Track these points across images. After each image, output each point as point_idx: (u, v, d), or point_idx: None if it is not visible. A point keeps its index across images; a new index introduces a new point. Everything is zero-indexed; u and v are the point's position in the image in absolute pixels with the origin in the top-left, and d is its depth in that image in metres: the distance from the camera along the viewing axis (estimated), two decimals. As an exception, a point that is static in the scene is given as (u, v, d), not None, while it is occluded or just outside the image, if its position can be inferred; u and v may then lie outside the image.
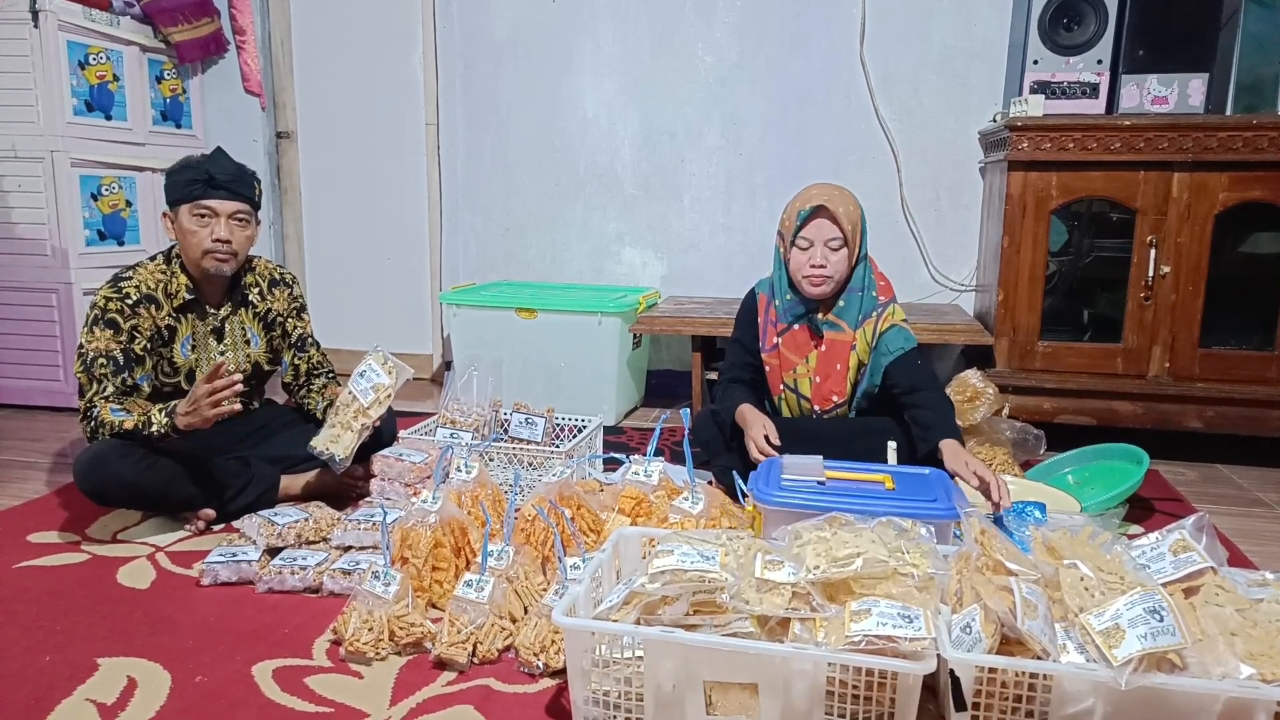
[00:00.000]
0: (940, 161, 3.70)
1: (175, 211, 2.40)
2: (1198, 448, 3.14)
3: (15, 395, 3.72)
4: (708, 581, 1.48)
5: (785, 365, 2.51)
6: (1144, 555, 1.52)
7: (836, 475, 2.05)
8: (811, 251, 2.37)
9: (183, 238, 2.40)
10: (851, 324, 2.44)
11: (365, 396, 2.44)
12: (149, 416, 2.28)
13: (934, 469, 2.14)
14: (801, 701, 1.43)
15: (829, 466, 2.09)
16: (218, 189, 2.37)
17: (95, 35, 3.59)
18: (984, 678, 1.38)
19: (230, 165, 2.42)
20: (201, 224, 2.38)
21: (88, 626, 1.88)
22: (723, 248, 3.98)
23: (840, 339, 2.44)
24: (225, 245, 2.39)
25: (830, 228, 2.35)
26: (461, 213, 4.22)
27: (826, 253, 2.36)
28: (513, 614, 1.83)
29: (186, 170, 2.38)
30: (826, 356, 2.46)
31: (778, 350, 2.51)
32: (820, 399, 2.48)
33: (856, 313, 2.44)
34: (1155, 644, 1.30)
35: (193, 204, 2.37)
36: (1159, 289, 3.00)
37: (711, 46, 3.85)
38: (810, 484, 1.98)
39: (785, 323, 2.49)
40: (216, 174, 2.37)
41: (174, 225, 2.42)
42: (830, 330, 2.45)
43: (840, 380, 2.45)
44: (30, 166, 3.50)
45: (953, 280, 3.75)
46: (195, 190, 2.36)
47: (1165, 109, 2.99)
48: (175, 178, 2.40)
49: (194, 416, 2.21)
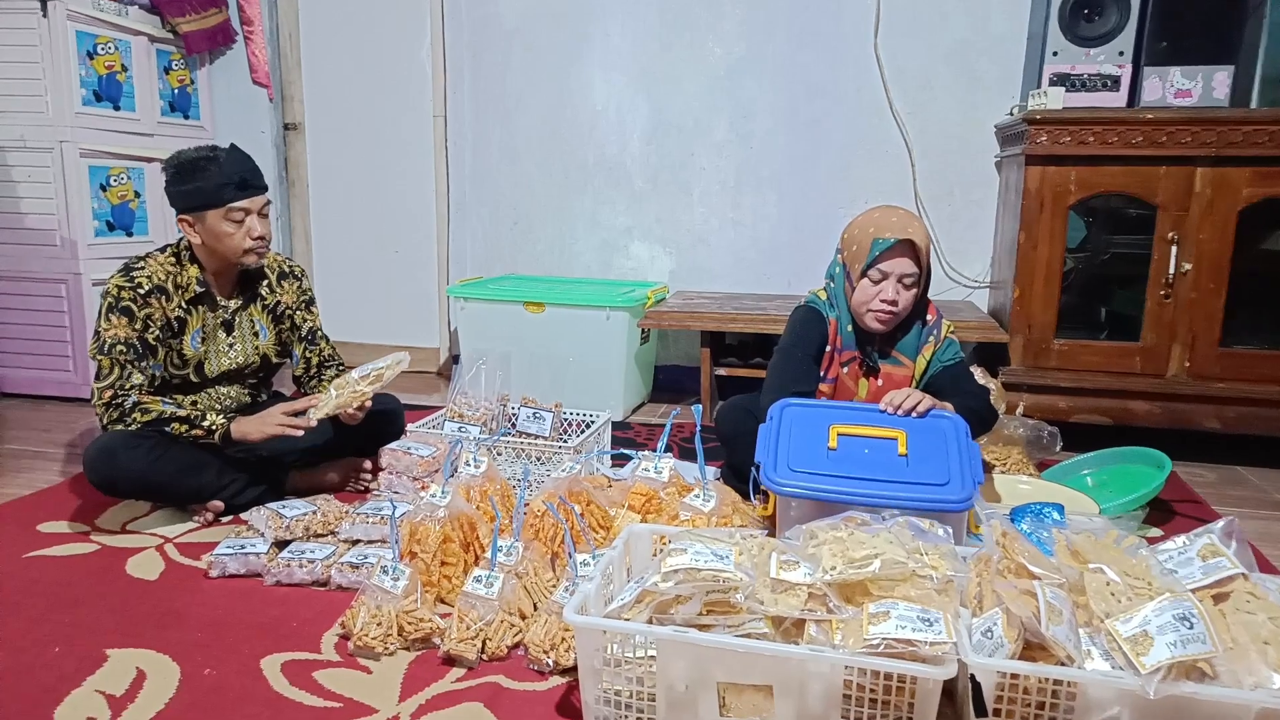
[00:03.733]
0: (954, 156, 3.65)
1: (199, 216, 2.33)
2: (1216, 449, 3.10)
3: (25, 385, 3.71)
4: (722, 581, 1.45)
5: (842, 395, 2.32)
6: (1171, 560, 1.48)
7: (847, 430, 1.96)
8: (884, 286, 2.15)
9: (215, 241, 2.35)
10: (912, 356, 2.28)
11: (360, 370, 2.44)
12: (203, 413, 2.32)
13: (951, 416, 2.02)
14: (817, 704, 1.40)
15: (838, 420, 1.99)
16: (247, 189, 2.34)
17: (104, 25, 3.57)
18: (1006, 684, 1.35)
19: (249, 160, 2.39)
20: (237, 225, 2.34)
21: (97, 617, 1.86)
22: (732, 242, 3.95)
23: (899, 372, 2.28)
24: (262, 240, 2.39)
25: (909, 264, 2.14)
26: (469, 205, 4.19)
27: (899, 289, 2.15)
28: (522, 610, 1.81)
29: (205, 174, 2.30)
30: (883, 391, 2.23)
31: (838, 381, 2.32)
32: None
33: (917, 342, 2.28)
34: (1185, 652, 1.26)
35: (225, 209, 2.32)
36: (1179, 286, 2.95)
37: (721, 38, 3.81)
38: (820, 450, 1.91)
39: (850, 352, 2.30)
40: (245, 175, 2.34)
41: (198, 229, 2.35)
42: (888, 364, 2.29)
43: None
44: (39, 157, 3.49)
45: (966, 277, 3.71)
46: (227, 195, 2.31)
47: (1188, 102, 2.94)
48: (195, 183, 2.31)
49: (252, 429, 2.30)
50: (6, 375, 3.70)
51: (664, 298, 3.73)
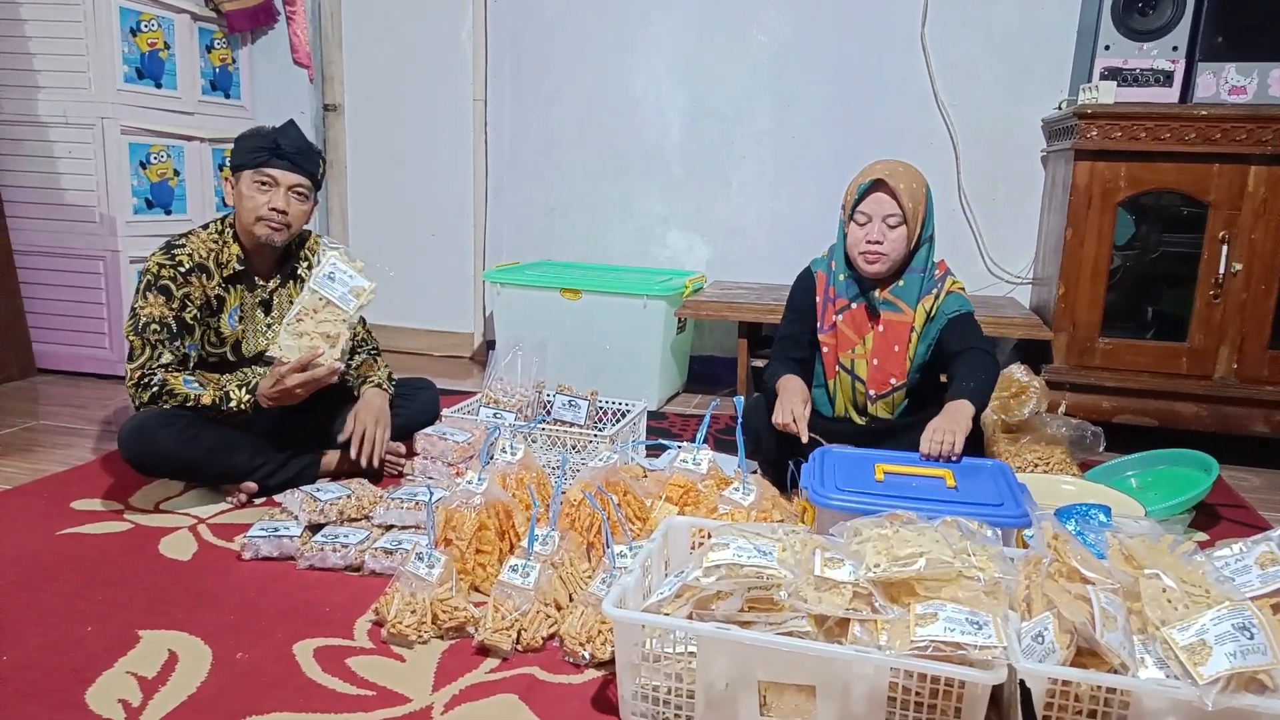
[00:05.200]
0: (1000, 149, 3.58)
1: (237, 176, 2.39)
2: (1263, 452, 3.03)
3: (62, 361, 3.73)
4: (765, 578, 1.43)
5: (843, 345, 2.40)
6: (1228, 567, 1.44)
7: (893, 470, 1.98)
8: (869, 227, 2.28)
9: (239, 202, 2.38)
10: (911, 304, 2.35)
11: (347, 304, 2.31)
12: (226, 392, 2.31)
13: (995, 461, 2.07)
14: (861, 707, 1.37)
15: (884, 460, 2.01)
16: (281, 159, 2.36)
17: (147, 2, 3.57)
18: (1056, 690, 1.31)
19: (298, 138, 2.41)
20: (261, 191, 2.36)
21: (129, 597, 1.86)
22: (770, 233, 3.90)
23: (899, 320, 2.35)
24: (280, 215, 2.37)
25: (889, 203, 2.26)
26: (506, 190, 4.17)
27: (884, 229, 2.27)
28: (558, 601, 1.79)
29: (255, 138, 2.38)
30: (884, 338, 2.36)
31: (836, 330, 2.41)
32: (877, 383, 2.38)
33: (917, 292, 2.35)
34: (1245, 663, 1.23)
35: (256, 171, 2.35)
36: (1229, 287, 2.88)
37: (764, 25, 3.76)
38: (868, 482, 1.91)
39: (845, 299, 2.40)
40: (283, 144, 2.36)
41: (234, 189, 2.40)
42: (888, 310, 2.36)
43: (899, 362, 2.36)
44: (80, 133, 3.50)
45: (1010, 272, 3.64)
46: (260, 158, 2.35)
47: (1243, 99, 2.86)
48: (243, 143, 2.39)
49: (284, 398, 2.28)
50: (43, 351, 3.73)
51: (701, 287, 3.70)
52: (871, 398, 2.40)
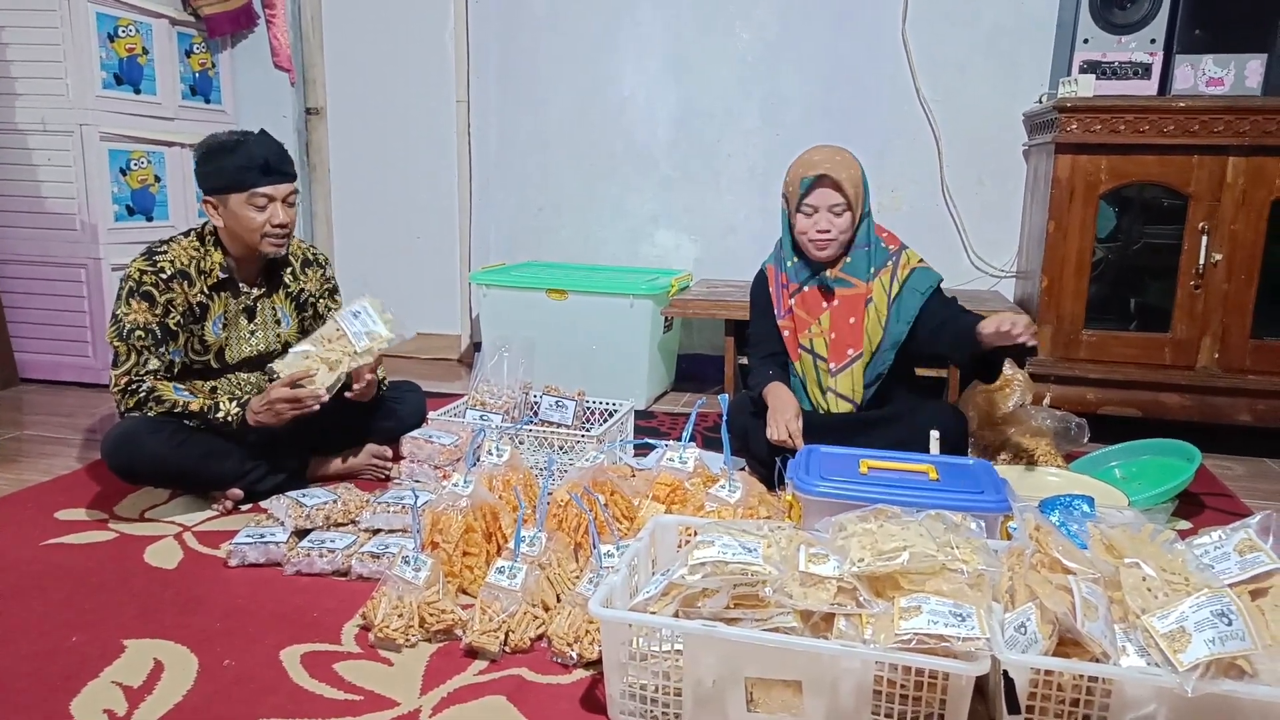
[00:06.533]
0: (983, 144, 3.60)
1: (223, 199, 2.32)
2: (1246, 441, 3.05)
3: (44, 370, 3.71)
4: (750, 575, 1.43)
5: (800, 327, 2.49)
6: (1207, 555, 1.44)
7: (877, 465, 1.99)
8: (816, 218, 2.38)
9: (235, 224, 2.33)
10: (863, 277, 2.44)
11: (359, 341, 2.33)
12: (217, 403, 2.29)
13: (978, 460, 2.09)
14: (848, 701, 1.37)
15: (868, 456, 2.03)
16: (272, 174, 2.31)
17: (125, 7, 3.56)
18: (1039, 680, 1.32)
19: (277, 146, 2.36)
20: (259, 210, 2.32)
21: (115, 607, 1.86)
22: (759, 231, 3.90)
23: (853, 294, 2.44)
24: (283, 229, 2.36)
25: (833, 195, 2.36)
26: (494, 191, 4.17)
27: (830, 218, 2.37)
28: (545, 602, 1.79)
29: (232, 156, 2.29)
30: (839, 312, 2.45)
31: (792, 314, 2.50)
32: (836, 355, 2.45)
33: (867, 266, 2.44)
34: (1224, 649, 1.24)
35: (248, 193, 2.30)
36: (1210, 278, 2.90)
37: (752, 24, 3.77)
38: (853, 475, 1.92)
39: (797, 283, 2.49)
40: (270, 159, 2.31)
41: (220, 212, 2.34)
42: (841, 287, 2.45)
43: (856, 333, 2.44)
44: (59, 140, 3.47)
45: (994, 266, 3.66)
46: (250, 178, 2.29)
47: (1220, 91, 2.88)
48: (220, 164, 2.30)
49: (267, 416, 2.26)
50: (26, 360, 3.71)
51: (688, 286, 3.70)
52: (832, 370, 2.45)
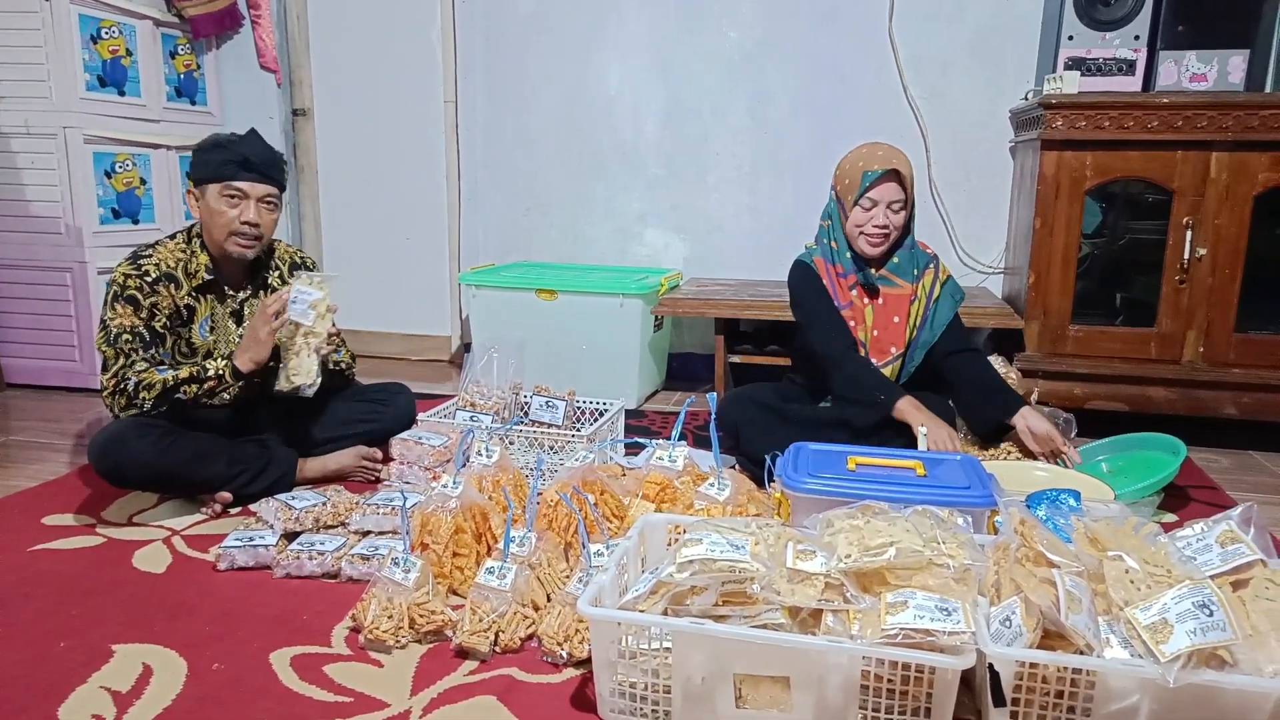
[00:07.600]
0: (970, 141, 3.61)
1: (202, 189, 2.36)
2: (1232, 434, 3.07)
3: (30, 375, 3.70)
4: (738, 571, 1.43)
5: (857, 321, 2.53)
6: (1189, 547, 1.46)
7: (865, 461, 2.00)
8: (874, 212, 2.41)
9: (208, 217, 2.36)
10: (908, 279, 2.50)
11: (305, 318, 2.34)
12: (204, 365, 2.31)
13: (965, 455, 2.09)
14: (836, 696, 1.38)
15: (856, 453, 2.04)
16: (250, 171, 2.33)
17: (108, 9, 3.54)
18: (1024, 673, 1.33)
19: (263, 148, 2.39)
20: (231, 205, 2.34)
21: (103, 611, 1.85)
22: (748, 229, 3.92)
23: (898, 293, 2.50)
24: (253, 229, 2.36)
25: (896, 190, 2.40)
26: (482, 192, 4.17)
27: (889, 213, 2.41)
28: (535, 602, 1.79)
29: (219, 150, 2.34)
30: (884, 310, 2.51)
31: (852, 306, 2.54)
32: (878, 353, 2.51)
33: (911, 267, 2.50)
34: (1205, 640, 1.25)
35: (223, 184, 2.33)
36: (1195, 272, 2.92)
37: (738, 22, 3.77)
38: (840, 471, 1.93)
39: (853, 275, 2.53)
40: (251, 156, 2.33)
41: (199, 203, 2.37)
42: (886, 285, 2.51)
43: (899, 333, 2.50)
44: (43, 143, 3.46)
45: (981, 263, 3.67)
46: (228, 171, 2.32)
47: (1203, 86, 2.90)
48: (206, 156, 2.35)
49: (253, 348, 2.29)
50: (11, 365, 3.69)
51: (678, 285, 3.71)
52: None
